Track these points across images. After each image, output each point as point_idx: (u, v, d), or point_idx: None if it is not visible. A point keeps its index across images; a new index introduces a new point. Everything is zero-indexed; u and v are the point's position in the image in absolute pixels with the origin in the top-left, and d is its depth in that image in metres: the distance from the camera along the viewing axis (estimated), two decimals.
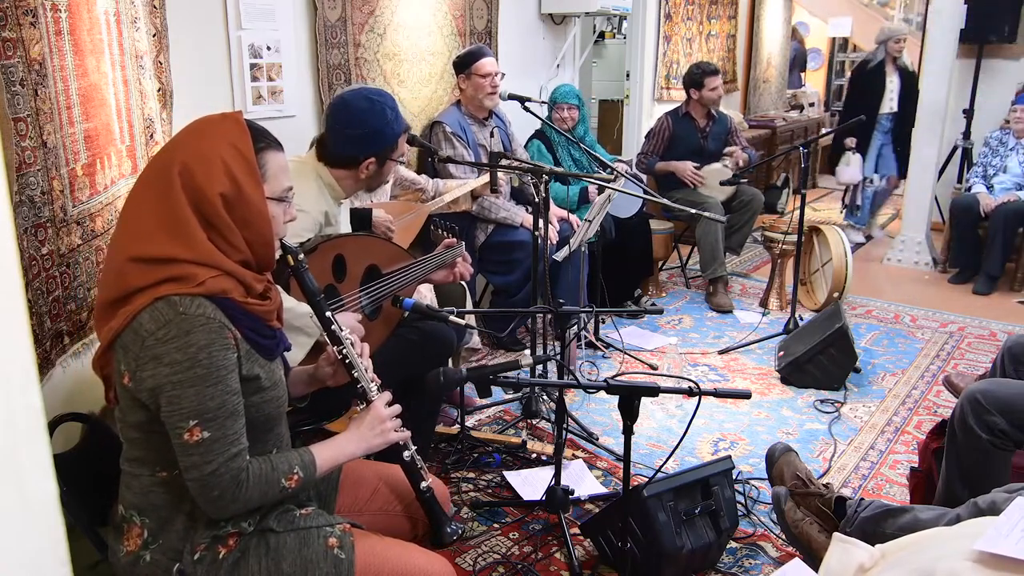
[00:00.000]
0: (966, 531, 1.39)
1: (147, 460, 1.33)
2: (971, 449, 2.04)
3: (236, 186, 1.31)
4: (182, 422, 1.24)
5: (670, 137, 4.62)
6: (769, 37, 7.69)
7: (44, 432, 0.85)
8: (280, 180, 1.42)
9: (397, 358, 2.19)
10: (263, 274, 1.41)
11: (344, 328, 1.56)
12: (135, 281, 1.26)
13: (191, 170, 1.29)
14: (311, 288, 1.54)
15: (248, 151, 1.33)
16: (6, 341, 0.79)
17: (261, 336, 1.36)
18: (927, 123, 5.02)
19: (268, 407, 1.39)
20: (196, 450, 1.25)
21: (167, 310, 1.24)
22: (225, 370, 1.26)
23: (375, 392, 1.56)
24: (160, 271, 1.26)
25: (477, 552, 2.23)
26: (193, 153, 1.30)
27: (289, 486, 1.36)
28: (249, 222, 1.33)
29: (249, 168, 1.33)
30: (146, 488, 1.34)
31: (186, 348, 1.23)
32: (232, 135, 1.33)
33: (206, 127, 1.35)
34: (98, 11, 2.03)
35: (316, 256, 2.03)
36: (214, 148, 1.31)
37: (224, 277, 1.30)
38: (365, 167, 2.20)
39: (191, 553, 1.32)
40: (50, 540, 0.86)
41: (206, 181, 1.29)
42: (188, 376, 1.23)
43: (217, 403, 1.25)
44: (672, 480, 2.09)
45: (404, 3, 3.57)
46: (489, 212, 3.54)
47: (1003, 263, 4.70)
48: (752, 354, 3.70)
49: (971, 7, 4.98)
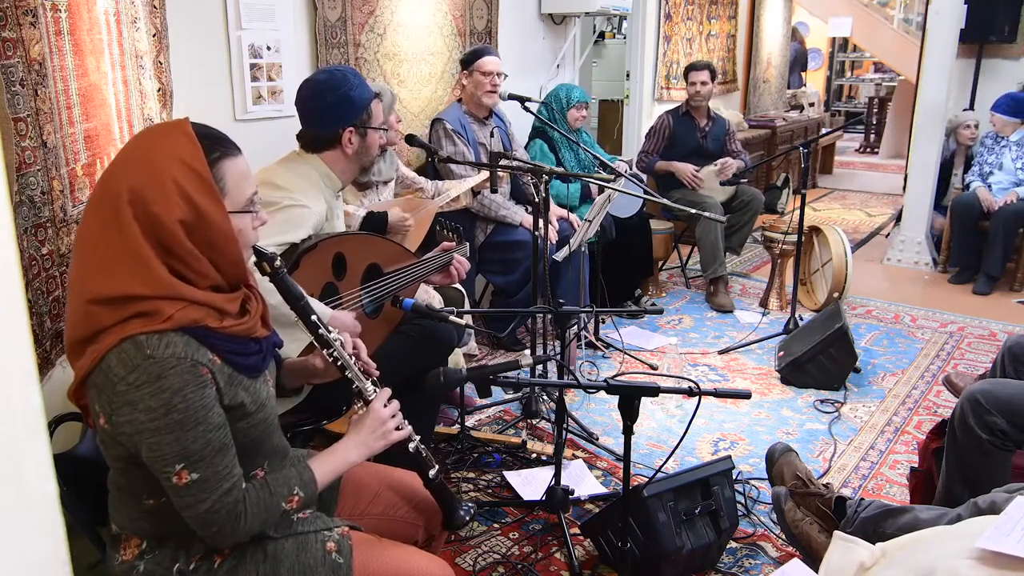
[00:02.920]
0: (967, 530, 1.39)
1: (134, 489, 1.29)
2: (971, 449, 2.04)
3: (195, 209, 1.19)
4: (168, 467, 1.18)
5: (670, 135, 4.62)
6: (769, 37, 7.69)
7: (44, 432, 0.85)
8: (242, 190, 1.30)
9: (397, 355, 2.19)
10: (238, 291, 1.32)
11: (333, 329, 1.50)
12: (101, 321, 1.18)
13: (142, 198, 1.17)
14: (293, 293, 1.46)
15: (202, 167, 1.21)
16: (6, 341, 0.79)
17: (244, 355, 1.28)
18: (927, 123, 5.02)
19: (256, 431, 1.33)
20: (188, 491, 1.20)
21: (134, 353, 1.15)
22: (204, 409, 1.19)
23: (372, 391, 1.50)
24: (123, 310, 1.17)
25: (477, 552, 2.23)
26: (141, 178, 1.18)
27: (290, 508, 1.32)
28: (214, 244, 1.23)
29: (205, 187, 1.20)
30: (136, 515, 1.30)
31: (159, 394, 1.15)
32: (182, 150, 1.20)
33: (151, 144, 1.22)
34: (98, 11, 2.03)
35: (316, 253, 2.02)
36: (164, 169, 1.18)
37: (193, 307, 1.20)
38: (348, 140, 2.15)
39: (187, 563, 1.30)
40: (50, 540, 0.86)
41: (162, 209, 1.17)
42: (165, 423, 1.16)
43: (200, 444, 1.19)
44: (672, 480, 2.09)
45: (404, 3, 3.57)
46: (489, 210, 3.54)
47: (1003, 264, 4.70)
48: (752, 354, 3.70)
49: (971, 7, 4.97)
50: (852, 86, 12.40)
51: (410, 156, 3.76)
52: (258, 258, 1.39)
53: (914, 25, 9.13)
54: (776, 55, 7.99)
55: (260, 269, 1.42)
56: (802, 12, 9.27)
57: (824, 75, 11.53)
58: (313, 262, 2.02)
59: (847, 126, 10.80)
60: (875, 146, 10.35)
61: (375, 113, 2.21)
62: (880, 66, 11.18)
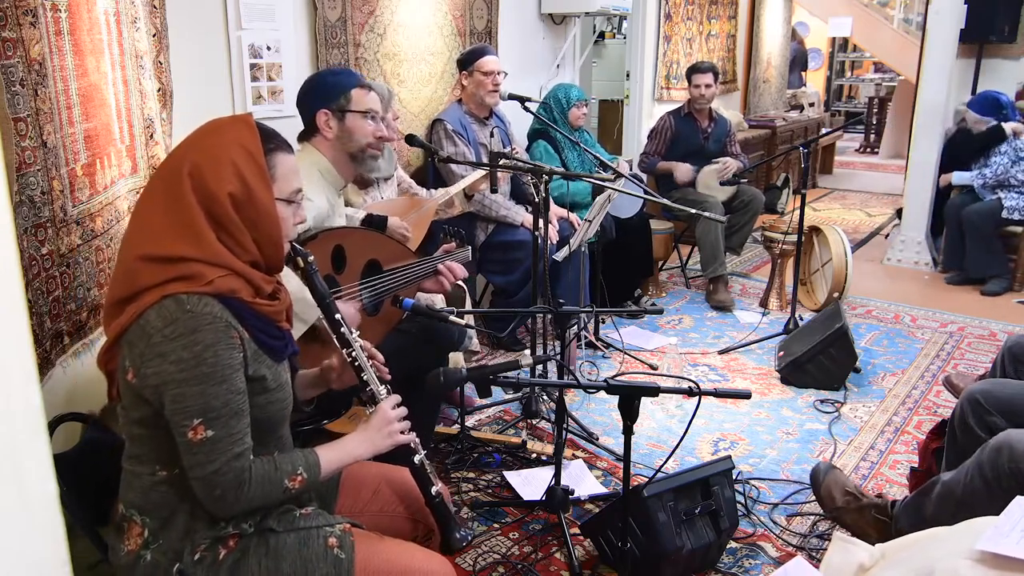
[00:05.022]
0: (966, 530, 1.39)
1: (149, 458, 1.33)
2: (971, 449, 2.04)
3: (245, 186, 1.32)
4: (186, 420, 1.24)
5: (672, 136, 4.62)
6: (769, 37, 7.69)
7: (44, 432, 0.85)
8: (290, 181, 1.43)
9: (397, 355, 2.19)
10: (272, 275, 1.42)
11: (355, 331, 1.56)
12: (144, 279, 1.27)
13: (201, 170, 1.30)
14: (321, 291, 1.54)
15: (258, 152, 1.35)
16: (6, 341, 0.79)
17: (269, 336, 1.37)
18: (926, 123, 5.02)
19: (272, 408, 1.39)
20: (200, 448, 1.25)
21: (174, 308, 1.25)
22: (230, 369, 1.27)
23: (383, 394, 1.57)
24: (169, 270, 1.27)
25: (477, 552, 2.23)
26: (203, 154, 1.32)
27: (292, 487, 1.35)
28: (258, 223, 1.34)
29: (258, 169, 1.34)
30: (147, 487, 1.34)
31: (192, 346, 1.23)
32: (242, 137, 1.35)
33: (217, 128, 1.36)
34: (98, 11, 2.03)
35: (316, 244, 2.04)
36: (224, 149, 1.32)
37: (233, 277, 1.31)
38: (325, 125, 2.22)
39: (191, 553, 1.32)
40: (50, 540, 0.86)
41: (216, 181, 1.30)
42: (193, 374, 1.23)
43: (221, 402, 1.25)
44: (672, 480, 2.09)
45: (404, 3, 3.57)
46: (489, 210, 3.54)
47: (993, 264, 4.70)
48: (752, 354, 3.70)
49: (971, 7, 4.98)
50: (852, 86, 12.41)
51: (410, 156, 3.76)
52: (293, 252, 1.50)
53: (914, 25, 9.13)
54: (776, 55, 7.99)
55: (293, 264, 1.53)
56: (802, 12, 9.27)
57: (824, 75, 11.53)
58: (312, 252, 2.03)
59: (847, 126, 10.79)
60: (875, 146, 10.34)
61: (356, 99, 2.24)
62: (880, 66, 11.18)
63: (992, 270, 4.70)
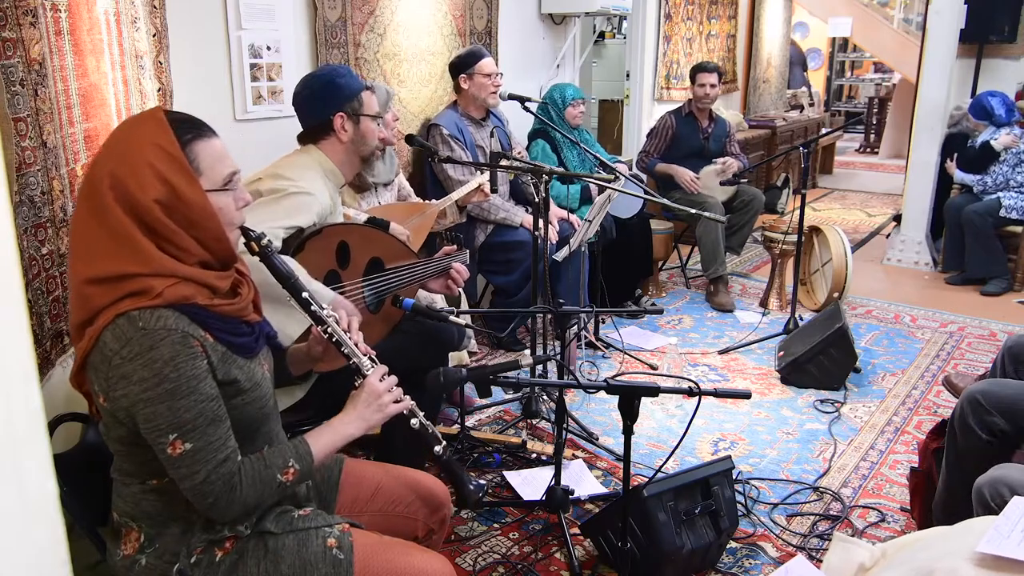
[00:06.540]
0: (965, 530, 1.39)
1: (137, 472, 1.32)
2: (971, 449, 2.04)
3: (170, 188, 1.25)
4: (162, 437, 1.22)
5: (673, 136, 4.62)
6: (769, 37, 7.69)
7: (44, 432, 0.85)
8: (217, 169, 1.33)
9: (397, 354, 2.19)
10: (228, 269, 1.36)
11: (326, 306, 1.51)
12: (97, 301, 1.23)
13: (121, 181, 1.23)
14: (282, 272, 1.48)
15: (173, 148, 1.26)
16: (6, 341, 0.79)
17: (236, 335, 1.32)
18: (926, 123, 5.02)
19: (250, 409, 1.36)
20: (182, 462, 1.23)
21: (127, 327, 1.21)
22: (195, 380, 1.23)
23: (368, 366, 1.50)
24: (118, 288, 1.23)
25: (477, 552, 2.23)
26: (119, 162, 1.25)
27: (287, 480, 1.34)
28: (194, 222, 1.28)
29: (179, 166, 1.26)
30: (137, 497, 1.33)
31: (151, 364, 1.20)
32: (155, 135, 1.26)
33: (127, 131, 1.29)
34: (98, 11, 2.03)
35: (321, 239, 2.05)
36: (139, 152, 1.25)
37: (183, 283, 1.26)
38: (341, 128, 2.19)
39: (187, 557, 1.31)
40: (50, 540, 0.86)
41: (139, 190, 1.23)
42: (157, 392, 1.20)
43: (193, 414, 1.23)
44: (672, 480, 2.09)
45: (404, 3, 3.56)
46: (488, 213, 3.54)
47: (993, 264, 4.70)
48: (752, 354, 3.70)
49: (971, 7, 4.98)
50: (852, 86, 12.41)
51: (409, 156, 3.76)
52: (245, 237, 1.42)
53: (914, 25, 9.14)
54: (776, 55, 7.99)
55: (248, 249, 1.45)
56: (802, 12, 9.27)
57: (824, 75, 11.53)
58: (318, 248, 2.05)
59: (847, 126, 10.80)
60: (875, 146, 10.35)
61: (367, 102, 2.24)
62: (880, 66, 11.18)
63: (992, 270, 4.71)
